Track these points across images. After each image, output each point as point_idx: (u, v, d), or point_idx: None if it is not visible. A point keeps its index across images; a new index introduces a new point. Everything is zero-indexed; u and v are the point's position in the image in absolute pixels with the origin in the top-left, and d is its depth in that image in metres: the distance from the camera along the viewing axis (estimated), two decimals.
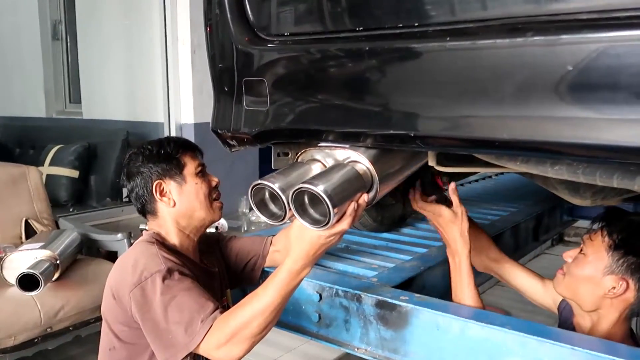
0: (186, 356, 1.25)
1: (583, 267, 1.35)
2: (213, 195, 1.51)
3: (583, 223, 3.24)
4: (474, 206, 2.80)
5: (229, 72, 1.49)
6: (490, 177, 3.69)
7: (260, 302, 1.21)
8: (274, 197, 1.25)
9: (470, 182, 3.49)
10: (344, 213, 1.20)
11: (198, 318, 1.23)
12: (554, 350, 1.22)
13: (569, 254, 1.41)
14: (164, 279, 1.27)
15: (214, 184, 1.51)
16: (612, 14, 0.90)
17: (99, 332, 1.44)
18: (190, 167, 1.47)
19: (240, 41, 1.44)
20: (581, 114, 0.93)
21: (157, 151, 1.46)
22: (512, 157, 1.20)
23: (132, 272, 1.30)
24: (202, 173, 1.49)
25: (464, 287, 1.50)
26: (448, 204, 1.55)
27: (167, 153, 1.45)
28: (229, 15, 1.46)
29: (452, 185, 1.55)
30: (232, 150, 1.58)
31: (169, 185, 1.45)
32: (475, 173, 2.85)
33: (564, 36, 0.93)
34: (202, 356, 1.27)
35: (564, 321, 1.52)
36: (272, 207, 1.28)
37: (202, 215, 1.47)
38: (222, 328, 1.22)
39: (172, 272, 1.30)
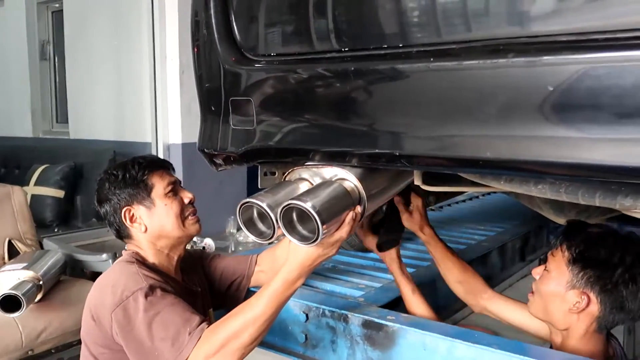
0: None
1: (547, 283, 1.34)
2: (186, 212, 1.48)
3: None
4: (461, 226, 2.81)
5: (215, 92, 1.50)
6: (477, 197, 3.71)
7: (253, 311, 1.20)
8: (263, 215, 1.24)
9: (457, 202, 3.51)
10: (342, 222, 1.20)
11: (185, 331, 1.20)
12: None
13: (537, 271, 1.40)
14: (146, 295, 1.25)
15: (186, 200, 1.48)
16: (590, 36, 0.92)
17: None
18: (159, 188, 1.45)
19: (227, 61, 1.45)
20: (562, 134, 0.94)
21: (123, 176, 1.43)
22: (496, 177, 1.21)
23: (112, 293, 1.28)
24: (172, 192, 1.46)
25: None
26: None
27: (133, 177, 1.43)
28: (216, 36, 1.46)
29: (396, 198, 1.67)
30: (219, 169, 1.57)
31: (138, 211, 1.43)
32: (461, 193, 2.87)
33: (544, 57, 0.94)
34: None
35: None
36: (261, 225, 1.28)
37: (175, 235, 1.46)
38: (211, 339, 1.19)
39: (154, 289, 1.28)
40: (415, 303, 1.62)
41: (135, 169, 1.44)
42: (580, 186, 1.07)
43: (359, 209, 1.24)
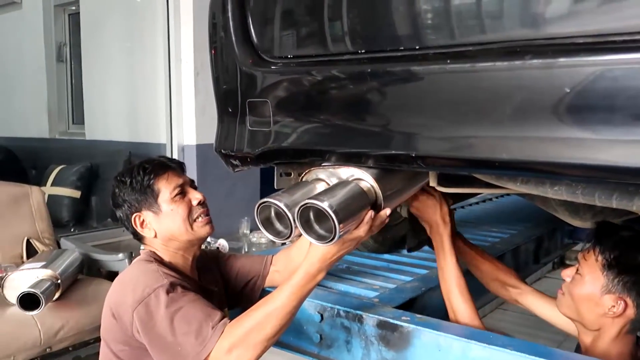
0: None
1: (581, 287, 1.35)
2: (195, 214, 1.46)
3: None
4: (475, 228, 2.81)
5: (233, 94, 1.52)
6: (490, 199, 3.70)
7: (275, 303, 1.22)
8: (280, 215, 1.26)
9: (470, 205, 3.50)
10: (360, 222, 1.22)
11: (207, 326, 1.22)
12: None
13: (567, 273, 1.41)
14: (167, 292, 1.27)
15: (195, 202, 1.47)
16: (606, 38, 0.92)
17: (98, 353, 1.44)
18: (165, 192, 1.44)
19: (245, 63, 1.47)
20: (579, 135, 0.95)
21: (130, 182, 1.44)
22: (511, 178, 1.22)
23: (132, 290, 1.30)
24: (180, 195, 1.46)
25: (447, 263, 1.55)
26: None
27: (139, 182, 1.43)
28: (233, 39, 1.49)
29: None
30: (236, 170, 1.59)
31: (147, 216, 1.45)
32: (476, 194, 2.86)
33: (560, 59, 0.95)
34: None
35: None
36: (278, 225, 1.30)
37: (185, 238, 1.46)
38: (234, 332, 1.21)
39: (174, 286, 1.30)
40: (455, 275, 1.54)
41: (141, 175, 1.43)
42: (597, 188, 1.07)
43: (387, 210, 1.26)
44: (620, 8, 0.92)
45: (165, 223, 1.44)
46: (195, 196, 1.48)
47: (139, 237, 1.49)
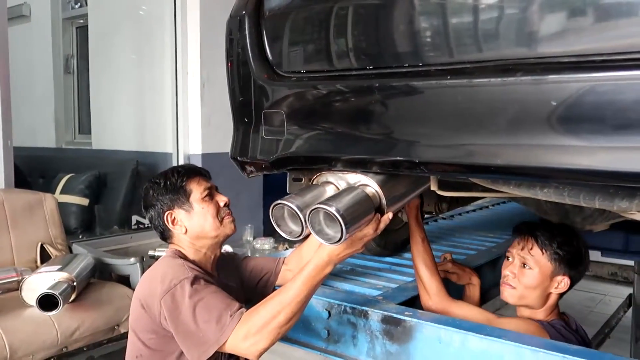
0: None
1: (534, 277, 1.62)
2: (222, 214, 1.61)
3: None
4: (471, 234, 2.92)
5: (248, 105, 1.64)
6: (487, 207, 3.82)
7: (288, 293, 1.34)
8: (293, 215, 1.38)
9: (467, 212, 3.62)
10: (366, 224, 1.34)
11: (226, 314, 1.35)
12: (546, 359, 1.33)
13: (512, 270, 1.66)
14: (192, 284, 1.39)
15: (222, 203, 1.61)
16: (589, 58, 1.05)
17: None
18: (196, 193, 1.58)
19: (260, 77, 1.59)
20: (564, 143, 1.07)
21: (164, 183, 1.58)
22: (506, 182, 1.34)
23: (161, 282, 1.42)
24: (209, 196, 1.60)
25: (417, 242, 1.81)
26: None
27: (173, 184, 1.57)
28: (250, 54, 1.61)
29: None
30: (250, 176, 1.71)
31: (179, 214, 1.57)
32: (473, 200, 2.98)
33: (549, 76, 1.08)
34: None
35: None
36: (291, 224, 1.42)
37: (213, 234, 1.59)
38: (250, 320, 1.33)
39: (198, 279, 1.42)
40: (422, 250, 1.80)
41: (175, 177, 1.58)
42: (582, 190, 1.20)
43: (390, 214, 1.40)
44: (599, 32, 1.05)
45: (196, 220, 1.57)
46: (222, 198, 1.63)
47: (166, 236, 1.61)
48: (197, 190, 1.59)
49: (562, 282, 1.61)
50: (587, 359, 1.29)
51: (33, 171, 4.61)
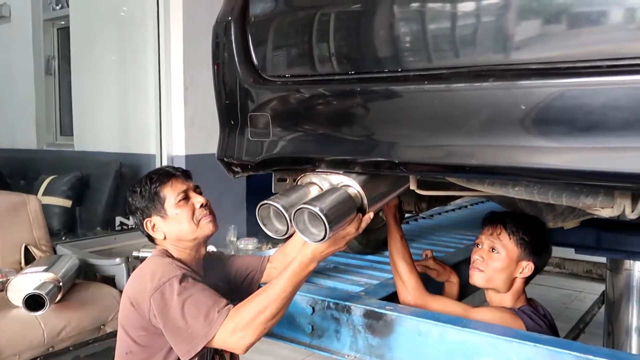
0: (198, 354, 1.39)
1: (501, 261, 1.73)
2: (198, 215, 1.61)
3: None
4: (450, 232, 3.00)
5: (234, 107, 1.68)
6: (465, 207, 3.91)
7: (274, 289, 1.40)
8: (278, 215, 1.44)
9: (447, 212, 3.71)
10: (349, 223, 1.40)
11: (214, 310, 1.39)
12: (520, 348, 1.41)
13: (481, 254, 1.76)
14: (180, 281, 1.44)
15: (198, 205, 1.61)
16: (555, 65, 1.13)
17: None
18: (170, 198, 1.59)
19: (246, 81, 1.64)
20: (533, 144, 1.15)
21: (140, 191, 1.60)
22: (480, 180, 1.41)
23: (150, 280, 1.46)
24: (184, 200, 1.60)
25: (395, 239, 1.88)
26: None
27: (147, 191, 1.59)
28: (236, 59, 1.66)
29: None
30: (236, 176, 1.76)
31: (157, 221, 1.61)
32: (453, 199, 3.05)
33: (518, 82, 1.15)
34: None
35: None
36: (276, 223, 1.47)
37: (191, 237, 1.61)
38: (237, 315, 1.38)
39: (186, 277, 1.46)
40: (400, 247, 1.87)
41: (148, 184, 1.60)
42: (550, 188, 1.28)
43: (372, 214, 1.46)
44: (564, 39, 1.13)
45: (172, 225, 1.60)
46: (197, 200, 1.63)
47: (152, 239, 1.65)
48: (170, 195, 1.60)
49: (527, 267, 1.72)
50: (558, 348, 1.37)
51: (14, 173, 4.59)
